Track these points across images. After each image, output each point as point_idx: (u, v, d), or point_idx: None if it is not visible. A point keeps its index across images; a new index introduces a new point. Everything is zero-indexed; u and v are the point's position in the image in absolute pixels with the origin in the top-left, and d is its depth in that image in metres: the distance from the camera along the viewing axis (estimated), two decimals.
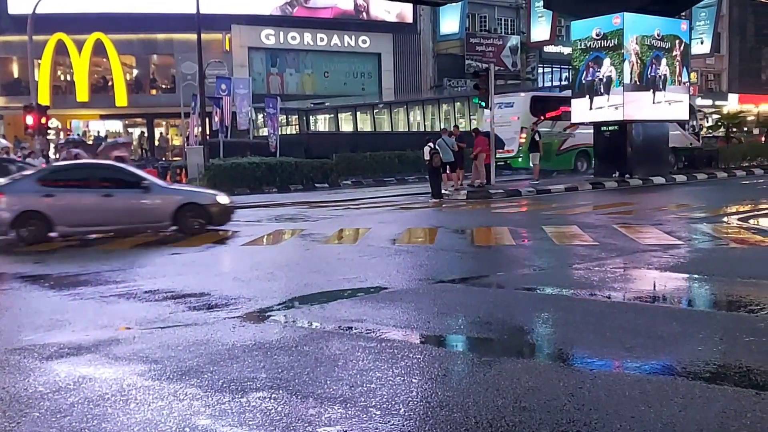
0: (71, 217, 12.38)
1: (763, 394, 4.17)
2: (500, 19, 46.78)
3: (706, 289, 7.78)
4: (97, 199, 12.56)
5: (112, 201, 12.59)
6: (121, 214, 12.70)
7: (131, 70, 39.39)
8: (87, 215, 12.50)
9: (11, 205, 12.19)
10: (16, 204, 12.19)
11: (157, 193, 13.10)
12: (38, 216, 12.13)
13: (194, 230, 12.94)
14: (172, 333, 5.94)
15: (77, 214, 12.43)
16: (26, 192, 12.40)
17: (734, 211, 13.95)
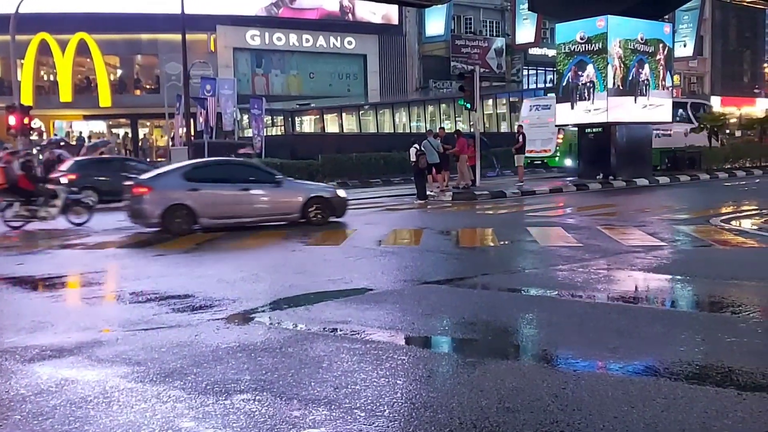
0: (213, 209, 13.14)
1: (744, 394, 4.20)
2: (485, 21, 46.94)
3: (688, 290, 7.84)
4: (236, 193, 13.38)
5: (249, 195, 13.49)
6: (257, 206, 13.59)
7: (115, 70, 39.15)
8: (227, 208, 13.30)
9: (161, 199, 12.88)
10: (165, 198, 12.89)
11: (288, 188, 14.04)
12: (184, 209, 12.84)
13: (319, 221, 13.74)
14: (155, 335, 5.91)
15: (218, 207, 13.20)
16: (173, 187, 13.09)
17: (716, 213, 14.08)
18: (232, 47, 38.46)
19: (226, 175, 13.84)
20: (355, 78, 42.39)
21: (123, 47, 37.85)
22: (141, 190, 13.12)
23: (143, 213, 12.96)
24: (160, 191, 13.03)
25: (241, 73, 38.46)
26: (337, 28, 40.49)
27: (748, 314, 6.36)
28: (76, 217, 14.62)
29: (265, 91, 37.95)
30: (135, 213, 13.13)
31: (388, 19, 41.65)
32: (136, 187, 13.20)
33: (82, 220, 14.62)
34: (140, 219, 13.13)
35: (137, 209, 13.04)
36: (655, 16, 23.33)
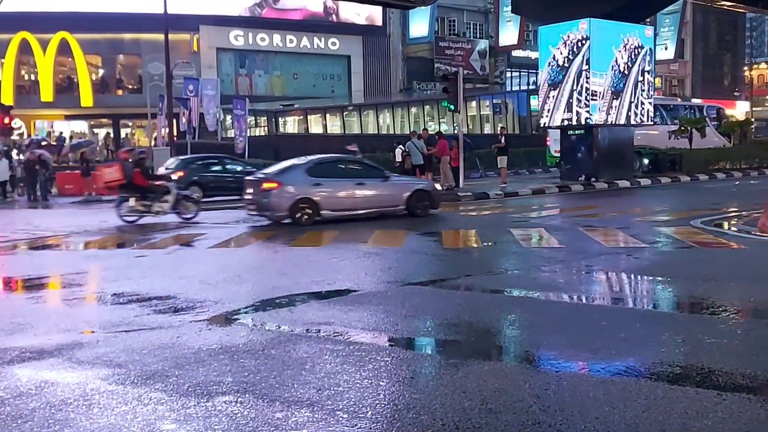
0: (333, 202, 14.22)
1: (724, 395, 4.24)
2: (469, 23, 47.08)
3: (669, 291, 7.91)
4: (353, 187, 14.57)
5: (363, 189, 14.64)
6: (369, 199, 14.67)
7: (97, 69, 38.82)
8: (345, 201, 14.40)
9: (289, 193, 13.81)
10: (293, 192, 13.82)
11: (395, 182, 15.23)
12: (309, 202, 13.85)
13: (421, 214, 14.83)
14: (136, 336, 5.87)
15: (338, 200, 14.30)
16: (300, 182, 13.98)
17: (697, 215, 14.20)
18: (216, 47, 38.27)
19: (343, 170, 15.01)
20: (339, 79, 42.34)
21: (105, 47, 37.55)
22: (270, 185, 13.92)
23: (273, 206, 13.85)
24: (288, 186, 13.88)
25: (225, 74, 38.27)
26: (321, 29, 40.42)
27: (728, 315, 6.42)
28: (185, 211, 15.35)
29: (248, 92, 37.81)
30: (264, 206, 13.99)
31: (371, 20, 41.64)
32: (266, 182, 14.04)
33: (190, 215, 15.35)
34: (269, 212, 14.00)
35: (267, 203, 13.88)
36: (637, 19, 23.52)
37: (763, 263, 9.19)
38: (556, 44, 22.69)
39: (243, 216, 15.41)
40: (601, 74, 22.21)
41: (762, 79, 71.28)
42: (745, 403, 4.10)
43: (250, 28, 38.78)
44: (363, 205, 14.58)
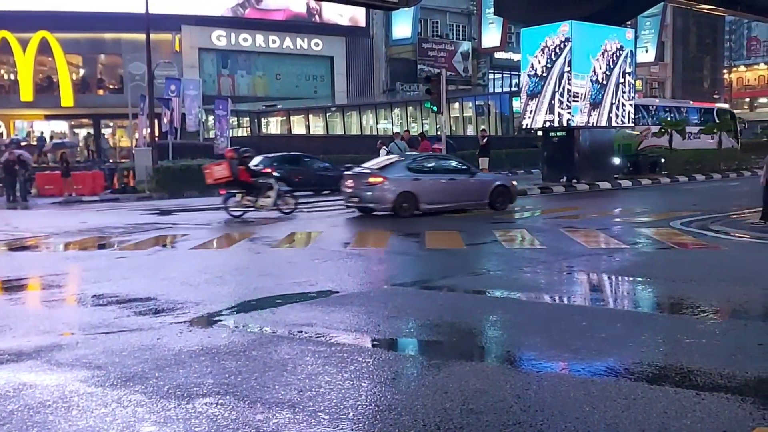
0: (430, 196, 15.29)
1: (703, 394, 4.28)
2: (452, 25, 47.22)
3: (649, 291, 7.97)
4: (446, 182, 15.73)
5: (454, 184, 15.77)
6: (459, 193, 15.80)
7: (77, 69, 38.48)
8: (439, 195, 15.49)
9: (393, 188, 14.94)
10: (396, 186, 14.96)
11: (480, 178, 16.60)
12: (410, 195, 14.99)
13: (500, 207, 16.03)
14: (116, 338, 5.82)
15: (433, 194, 15.38)
16: (401, 177, 15.17)
17: (676, 216, 14.33)
18: (198, 47, 38.09)
19: (437, 166, 16.23)
20: (322, 80, 42.29)
21: (86, 46, 37.24)
22: (376, 180, 15.11)
23: (378, 199, 15.04)
24: (393, 181, 15.03)
25: (207, 74, 38.10)
26: (304, 30, 40.35)
27: (706, 315, 6.49)
28: (285, 206, 16.29)
29: (230, 92, 37.68)
30: (369, 199, 15.16)
31: (355, 21, 41.65)
32: (372, 177, 15.21)
33: (289, 210, 16.30)
34: (375, 204, 15.19)
35: (372, 196, 15.06)
36: (618, 21, 23.70)
37: (741, 264, 9.29)
38: (533, 52, 22.81)
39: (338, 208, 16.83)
40: (583, 76, 22.35)
41: (741, 81, 72.16)
42: (723, 402, 4.14)
43: (233, 29, 38.63)
44: (454, 199, 15.75)
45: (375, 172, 15.39)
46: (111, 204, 21.93)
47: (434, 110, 23.29)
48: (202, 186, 23.93)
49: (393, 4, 19.43)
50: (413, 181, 15.15)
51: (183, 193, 23.49)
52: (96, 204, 21.99)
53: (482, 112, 42.63)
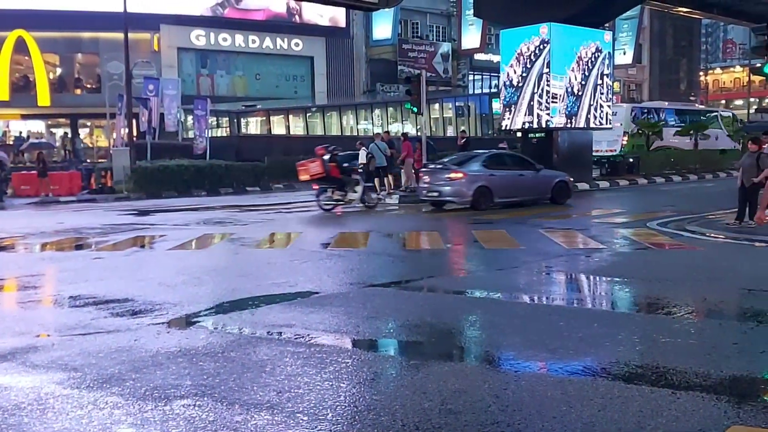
0: (503, 190, 16.61)
1: (678, 393, 4.32)
2: (432, 26, 47.32)
3: (626, 291, 8.04)
4: (516, 177, 17.03)
5: (522, 179, 17.10)
6: (527, 188, 17.20)
7: (54, 68, 38.06)
8: (510, 189, 16.78)
9: (472, 182, 16.29)
10: (475, 181, 16.29)
11: (544, 174, 17.77)
12: (486, 190, 16.33)
13: (560, 202, 17.40)
14: (93, 340, 5.76)
15: (505, 188, 16.66)
16: (479, 172, 16.52)
17: (654, 216, 14.47)
18: (177, 47, 37.82)
19: (507, 163, 17.58)
20: (302, 80, 42.19)
21: (63, 45, 36.85)
22: (457, 176, 16.42)
23: (459, 193, 16.39)
24: (471, 176, 16.35)
25: (186, 74, 37.85)
26: (284, 30, 40.22)
27: (682, 315, 6.56)
28: (368, 201, 17.65)
29: (210, 92, 37.46)
30: (449, 193, 16.48)
31: (335, 21, 41.59)
32: (453, 173, 16.50)
33: (373, 203, 17.76)
34: (456, 197, 16.47)
35: (453, 190, 16.42)
36: (596, 24, 23.88)
37: (716, 264, 9.41)
38: (508, 61, 22.94)
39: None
40: (561, 78, 22.49)
41: (717, 84, 73.12)
42: (698, 401, 4.19)
43: (212, 28, 38.42)
44: (523, 193, 17.21)
45: (455, 169, 16.68)
46: (88, 204, 21.72)
47: (414, 111, 23.32)
48: (181, 186, 23.96)
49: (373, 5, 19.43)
50: (489, 177, 16.51)
51: (161, 193, 23.33)
52: (73, 204, 21.77)
53: (462, 113, 42.73)
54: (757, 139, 13.30)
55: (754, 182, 12.24)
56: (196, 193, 23.91)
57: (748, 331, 5.90)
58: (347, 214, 17.13)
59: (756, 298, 7.17)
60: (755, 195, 12.38)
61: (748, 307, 6.98)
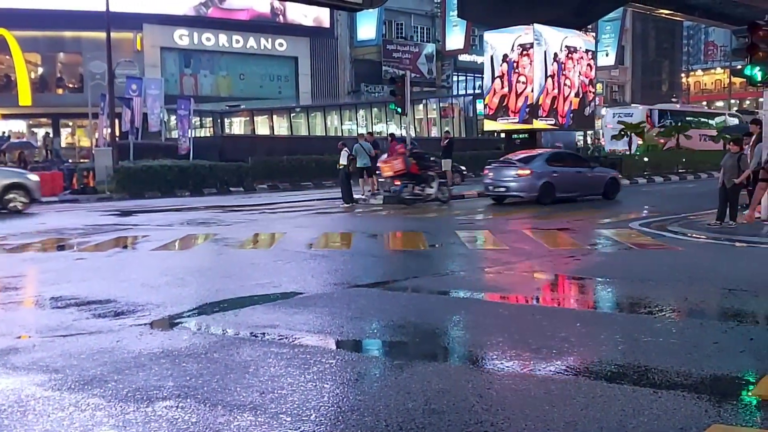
0: (564, 186, 17.96)
1: (660, 392, 4.35)
2: (416, 27, 47.37)
3: (608, 291, 8.10)
4: (574, 174, 18.51)
5: (580, 176, 18.65)
6: (584, 185, 18.64)
7: (36, 68, 37.72)
8: (569, 185, 18.14)
9: (538, 178, 17.76)
10: (540, 177, 17.76)
11: (598, 171, 19.38)
12: (550, 185, 17.71)
13: (611, 197, 18.90)
14: (74, 341, 5.72)
15: (566, 184, 18.08)
16: (544, 169, 17.88)
17: (636, 217, 14.58)
18: (160, 47, 37.61)
19: (567, 161, 19.06)
20: (287, 80, 42.09)
21: (44, 44, 36.53)
22: (524, 172, 17.85)
23: (526, 188, 17.83)
24: (537, 173, 17.69)
25: (169, 73, 37.65)
26: (268, 30, 40.11)
27: (663, 314, 6.61)
28: (442, 195, 18.81)
29: (193, 92, 37.28)
30: (517, 188, 17.99)
31: (319, 22, 41.54)
32: (520, 170, 17.93)
33: (446, 198, 18.93)
34: (523, 192, 17.93)
35: (520, 186, 17.90)
36: (579, 26, 24.06)
37: (697, 264, 9.49)
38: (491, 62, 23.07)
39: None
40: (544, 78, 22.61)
41: (698, 85, 73.76)
42: (679, 400, 4.22)
43: (196, 28, 38.24)
44: (580, 189, 18.58)
45: (522, 165, 18.07)
46: (70, 205, 21.53)
47: (399, 112, 23.33)
48: (164, 187, 23.81)
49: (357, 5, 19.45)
50: (552, 174, 17.85)
51: (144, 194, 23.19)
52: (55, 205, 21.57)
53: (446, 114, 42.83)
54: (738, 140, 13.45)
55: (735, 183, 12.37)
56: (180, 193, 23.78)
57: (729, 331, 5.96)
58: (332, 214, 17.13)
59: (736, 298, 7.24)
60: (736, 196, 12.52)
61: (728, 306, 7.05)
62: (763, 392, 4.41)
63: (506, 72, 22.84)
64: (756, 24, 12.55)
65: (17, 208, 17.49)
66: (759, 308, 6.99)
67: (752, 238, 11.31)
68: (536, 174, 17.75)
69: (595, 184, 18.80)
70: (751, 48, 12.47)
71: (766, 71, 12.61)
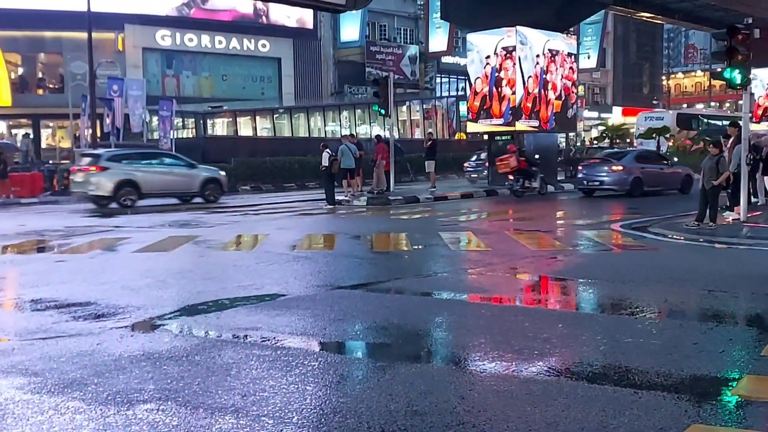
0: (650, 181, 19.84)
1: (640, 392, 4.39)
2: (399, 29, 47.41)
3: (590, 292, 8.14)
4: (658, 171, 20.62)
5: (662, 173, 20.58)
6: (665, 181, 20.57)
7: (16, 68, 37.31)
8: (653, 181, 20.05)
9: (629, 174, 19.46)
10: (631, 173, 19.55)
11: (675, 170, 21.10)
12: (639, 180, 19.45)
13: (686, 192, 20.12)
14: (54, 344, 5.66)
15: (651, 180, 19.87)
16: (634, 166, 19.87)
17: (617, 219, 14.68)
18: (141, 47, 37.32)
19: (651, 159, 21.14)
20: (270, 81, 41.94)
21: (25, 44, 36.14)
22: (618, 168, 19.71)
23: (620, 183, 19.68)
24: (628, 169, 19.54)
25: (151, 74, 37.38)
26: (251, 31, 39.94)
27: (644, 315, 6.66)
28: (541, 189, 21.14)
29: (175, 93, 37.03)
30: (611, 183, 19.83)
31: (302, 23, 41.43)
32: (614, 167, 19.78)
33: (545, 191, 21.35)
34: (617, 186, 19.76)
35: (613, 180, 19.72)
36: (561, 28, 24.18)
37: (678, 265, 9.57)
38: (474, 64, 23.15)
39: None
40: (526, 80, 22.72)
41: (679, 88, 74.42)
42: (659, 400, 4.26)
43: (178, 29, 37.99)
44: (662, 184, 20.38)
45: (616, 162, 20.00)
46: (51, 206, 21.33)
47: (382, 113, 23.37)
48: None
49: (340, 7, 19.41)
50: (641, 169, 19.54)
51: None
52: (35, 206, 21.37)
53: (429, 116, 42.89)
54: (718, 142, 13.58)
55: (714, 185, 12.49)
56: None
57: (708, 331, 6.02)
58: (315, 215, 17.10)
59: (715, 299, 7.31)
60: (715, 197, 12.64)
61: (707, 307, 7.11)
62: (743, 392, 4.46)
63: (489, 74, 22.93)
64: (735, 28, 12.68)
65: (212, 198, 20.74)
66: (738, 309, 7.06)
67: (732, 239, 11.43)
68: (627, 170, 19.54)
69: (673, 180, 20.61)
70: (730, 51, 12.60)
71: (744, 74, 12.75)
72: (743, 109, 13.70)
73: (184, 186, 20.54)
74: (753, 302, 7.19)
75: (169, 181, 20.21)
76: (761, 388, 4.54)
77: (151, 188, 19.70)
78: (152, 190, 19.76)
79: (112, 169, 19.26)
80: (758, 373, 4.82)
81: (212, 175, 21.14)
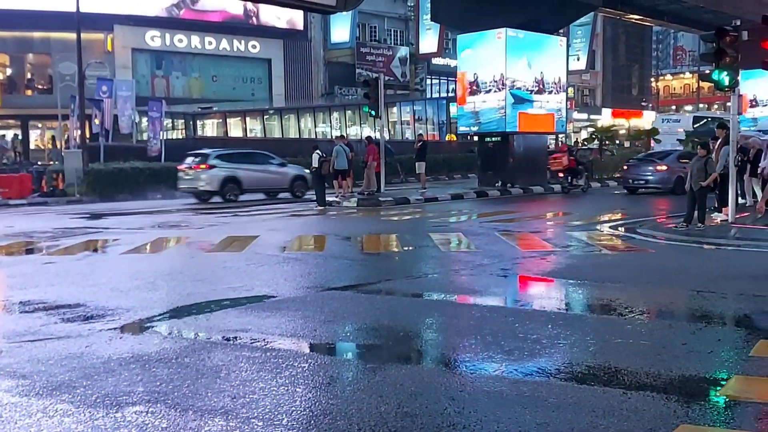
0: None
1: (629, 393, 4.41)
2: (390, 30, 47.43)
3: (579, 293, 8.16)
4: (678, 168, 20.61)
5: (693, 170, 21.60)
6: None
7: (4, 69, 37.06)
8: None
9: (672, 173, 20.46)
10: (674, 172, 20.31)
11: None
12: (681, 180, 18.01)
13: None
14: (42, 346, 5.63)
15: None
16: (675, 165, 20.53)
17: (606, 220, 14.74)
18: (131, 48, 37.15)
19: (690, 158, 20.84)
20: (260, 82, 41.84)
21: (13, 45, 35.91)
22: (662, 168, 20.85)
23: (664, 181, 20.78)
24: (671, 168, 20.62)
25: (141, 75, 37.22)
26: (241, 32, 39.84)
27: (633, 316, 6.69)
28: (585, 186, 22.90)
29: (165, 94, 36.89)
30: (656, 181, 21.02)
31: (293, 24, 41.37)
32: (658, 166, 21.05)
33: (587, 188, 23.11)
34: (661, 185, 20.93)
35: (657, 179, 20.95)
36: (551, 30, 24.25)
37: (666, 266, 9.61)
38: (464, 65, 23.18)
39: None
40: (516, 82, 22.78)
41: (667, 89, 74.83)
42: (648, 400, 4.28)
43: (168, 29, 37.84)
44: None
45: (660, 162, 21.19)
46: (39, 208, 21.21)
47: (372, 114, 23.37)
48: (135, 189, 23.53)
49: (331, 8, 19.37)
50: (682, 169, 18.88)
51: (115, 196, 22.89)
52: (23, 207, 21.24)
53: (420, 117, 42.95)
54: (706, 144, 13.66)
55: (702, 186, 12.56)
56: (151, 196, 23.51)
57: (697, 332, 6.05)
58: (306, 217, 17.07)
59: (704, 300, 7.35)
60: (704, 198, 12.71)
61: (696, 308, 7.15)
62: (731, 392, 4.48)
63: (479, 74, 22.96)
64: (723, 30, 12.76)
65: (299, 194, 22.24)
66: (726, 310, 7.10)
67: (720, 240, 11.50)
68: (670, 169, 20.50)
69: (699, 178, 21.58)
70: (718, 53, 12.68)
71: (732, 76, 12.83)
72: (731, 111, 13.78)
73: (277, 183, 22.28)
74: (741, 303, 7.23)
75: (265, 178, 21.94)
76: (749, 389, 4.57)
77: (250, 184, 21.48)
78: (251, 186, 21.53)
79: (218, 167, 20.97)
80: (746, 373, 4.85)
81: (300, 173, 22.56)
